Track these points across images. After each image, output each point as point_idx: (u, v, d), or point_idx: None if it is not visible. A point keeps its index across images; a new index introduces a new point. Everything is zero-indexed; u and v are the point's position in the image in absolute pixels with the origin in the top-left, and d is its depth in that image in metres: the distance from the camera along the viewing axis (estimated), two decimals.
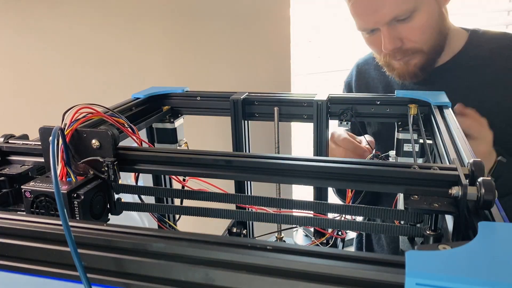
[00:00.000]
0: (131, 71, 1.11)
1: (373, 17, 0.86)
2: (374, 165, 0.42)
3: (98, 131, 0.47)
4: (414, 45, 0.88)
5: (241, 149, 0.70)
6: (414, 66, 0.90)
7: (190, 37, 1.15)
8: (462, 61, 0.93)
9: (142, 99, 0.70)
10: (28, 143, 0.52)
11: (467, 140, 0.48)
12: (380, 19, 0.85)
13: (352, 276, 0.27)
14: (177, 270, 0.30)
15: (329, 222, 0.48)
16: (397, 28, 0.86)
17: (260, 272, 0.28)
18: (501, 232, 0.29)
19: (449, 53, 0.94)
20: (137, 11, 1.08)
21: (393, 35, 0.86)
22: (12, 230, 0.34)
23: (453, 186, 0.36)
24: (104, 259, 0.31)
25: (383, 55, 0.91)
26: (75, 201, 0.43)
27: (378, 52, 0.92)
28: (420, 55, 0.89)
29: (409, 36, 0.87)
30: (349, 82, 1.10)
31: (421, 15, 0.85)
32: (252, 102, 0.69)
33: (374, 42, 0.91)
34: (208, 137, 1.15)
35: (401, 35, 0.87)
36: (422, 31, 0.87)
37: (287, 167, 0.44)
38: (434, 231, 0.38)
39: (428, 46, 0.89)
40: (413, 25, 0.86)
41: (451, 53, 0.94)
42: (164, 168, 0.48)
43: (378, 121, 0.97)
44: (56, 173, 0.38)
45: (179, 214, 0.67)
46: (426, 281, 0.24)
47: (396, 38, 0.87)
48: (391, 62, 0.92)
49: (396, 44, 0.87)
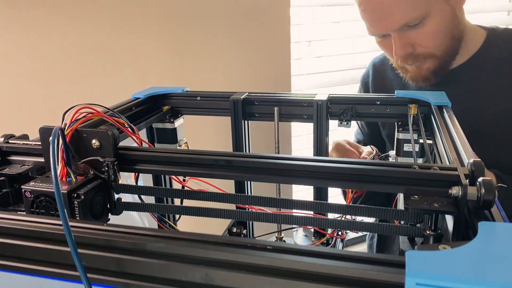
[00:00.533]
0: (131, 71, 1.10)
1: (384, 23, 0.85)
2: (374, 165, 0.42)
3: (98, 131, 0.47)
4: (425, 50, 0.86)
5: (241, 149, 0.70)
6: (426, 70, 0.88)
7: (190, 37, 1.15)
8: (480, 63, 0.90)
9: (142, 99, 0.70)
10: (28, 143, 0.52)
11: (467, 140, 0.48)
12: (391, 26, 0.84)
13: (352, 276, 0.27)
14: (177, 270, 0.30)
15: (329, 222, 0.48)
16: (408, 34, 0.84)
17: (260, 272, 0.28)
18: (501, 232, 0.29)
19: (466, 54, 0.91)
20: (137, 11, 1.08)
21: (403, 42, 0.85)
22: (12, 230, 0.34)
23: (453, 186, 0.36)
24: (104, 259, 0.31)
25: (396, 59, 0.90)
26: (75, 201, 0.43)
27: (390, 55, 0.91)
28: (433, 60, 0.87)
29: (421, 42, 0.85)
30: (366, 82, 1.08)
31: (433, 20, 0.83)
32: (252, 102, 0.69)
33: (386, 46, 0.90)
34: (208, 137, 1.15)
35: (412, 41, 0.85)
36: (434, 36, 0.85)
37: (287, 167, 0.44)
38: (434, 231, 0.38)
39: (441, 50, 0.87)
40: (425, 31, 0.84)
41: (468, 54, 0.91)
42: (164, 168, 0.48)
43: (378, 121, 0.97)
44: (56, 173, 0.38)
45: (179, 214, 0.67)
46: (426, 281, 0.24)
47: (407, 44, 0.85)
48: (404, 65, 0.90)
49: (407, 50, 0.86)
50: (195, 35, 1.16)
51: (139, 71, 1.12)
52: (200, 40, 1.16)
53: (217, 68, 1.21)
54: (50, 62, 1.03)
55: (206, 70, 1.19)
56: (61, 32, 1.02)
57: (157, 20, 1.11)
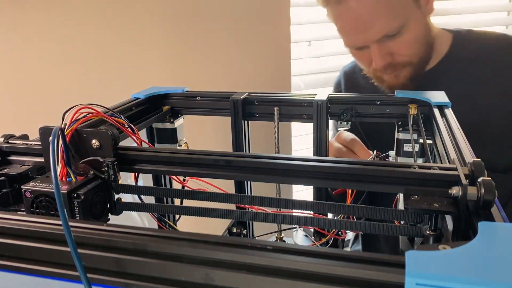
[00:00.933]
0: (131, 71, 1.10)
1: (363, 36, 0.86)
2: (374, 165, 0.42)
3: (98, 131, 0.47)
4: (404, 59, 0.88)
5: (241, 149, 0.70)
6: (404, 78, 0.90)
7: (190, 37, 1.15)
8: (449, 64, 0.93)
9: (142, 99, 0.70)
10: (28, 143, 0.52)
11: (467, 140, 0.48)
12: (370, 38, 0.85)
13: (352, 276, 0.27)
14: (177, 270, 0.30)
15: (329, 222, 0.48)
16: (387, 44, 0.86)
17: (260, 272, 0.28)
18: (501, 232, 0.29)
19: (435, 58, 0.94)
20: (138, 11, 1.08)
21: (383, 52, 0.87)
22: (12, 230, 0.34)
23: (453, 186, 0.36)
24: (104, 259, 0.31)
25: (373, 70, 0.91)
26: (75, 201, 0.43)
27: (367, 66, 0.92)
28: (410, 67, 0.90)
29: (399, 51, 0.87)
30: (339, 91, 1.10)
31: (410, 29, 0.85)
32: (252, 102, 0.69)
33: (363, 57, 0.91)
34: (208, 137, 1.15)
35: (391, 50, 0.87)
36: (411, 45, 0.87)
37: (287, 167, 0.44)
38: (434, 231, 0.38)
39: (417, 58, 0.89)
40: (403, 40, 0.86)
41: (437, 58, 0.94)
42: (164, 168, 0.48)
43: (378, 121, 0.97)
44: (56, 173, 0.38)
45: (179, 214, 0.67)
46: (426, 281, 0.24)
47: (386, 54, 0.87)
48: (381, 75, 0.92)
49: (386, 60, 0.87)
50: (195, 35, 1.16)
51: (139, 71, 1.12)
52: (200, 40, 1.16)
53: (217, 68, 1.21)
54: (50, 62, 1.03)
55: (206, 70, 1.19)
56: (61, 32, 1.02)
57: (157, 20, 1.11)
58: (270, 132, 0.69)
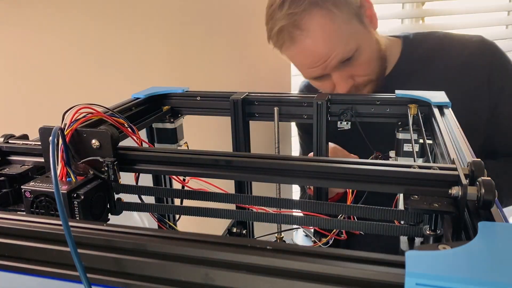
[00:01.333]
0: (131, 71, 1.10)
1: (321, 67, 0.87)
2: (374, 165, 0.42)
3: (98, 131, 0.47)
4: (364, 79, 0.91)
5: (241, 149, 0.70)
6: (367, 92, 0.93)
7: (190, 37, 1.15)
8: (402, 69, 0.96)
9: (142, 99, 0.70)
10: (28, 143, 0.52)
11: (467, 140, 0.48)
12: (329, 67, 0.87)
13: (352, 276, 0.27)
14: (177, 270, 0.30)
15: (329, 222, 0.48)
16: (345, 68, 0.88)
17: (260, 272, 0.28)
18: (501, 232, 0.29)
19: (389, 66, 0.97)
20: (138, 11, 1.08)
21: (345, 76, 0.89)
22: (12, 230, 0.34)
23: (453, 186, 0.36)
24: (104, 259, 0.31)
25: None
26: (75, 201, 0.43)
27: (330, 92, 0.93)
28: (371, 84, 0.92)
29: (358, 72, 0.89)
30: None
31: (363, 50, 0.87)
32: (252, 102, 0.69)
33: (324, 85, 0.93)
34: (208, 137, 1.15)
35: (351, 73, 0.89)
36: (368, 64, 0.90)
37: (287, 167, 0.44)
38: (434, 231, 0.38)
39: (376, 73, 0.92)
40: (359, 63, 0.88)
41: (391, 65, 0.97)
42: (164, 168, 0.48)
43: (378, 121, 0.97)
44: (56, 173, 0.38)
45: (179, 214, 0.67)
46: (426, 281, 0.24)
47: (348, 78, 0.89)
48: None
49: (349, 84, 0.90)
50: (195, 35, 1.16)
51: (139, 71, 1.12)
52: (200, 40, 1.16)
53: (217, 68, 1.21)
54: (50, 61, 1.03)
55: (206, 70, 1.19)
56: (61, 32, 1.02)
57: (157, 20, 1.11)
58: (270, 132, 0.69)
